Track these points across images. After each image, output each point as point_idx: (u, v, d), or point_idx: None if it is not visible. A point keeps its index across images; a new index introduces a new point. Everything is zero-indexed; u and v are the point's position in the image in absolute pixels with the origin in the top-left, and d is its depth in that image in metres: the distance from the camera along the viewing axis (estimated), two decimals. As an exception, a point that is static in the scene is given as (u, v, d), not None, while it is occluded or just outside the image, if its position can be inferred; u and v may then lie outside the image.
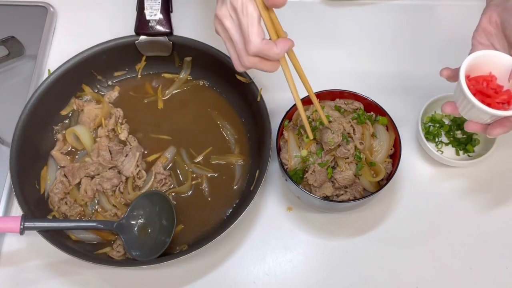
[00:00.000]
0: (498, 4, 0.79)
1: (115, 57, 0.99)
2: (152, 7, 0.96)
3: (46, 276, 0.87)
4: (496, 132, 0.74)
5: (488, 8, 0.81)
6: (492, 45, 0.79)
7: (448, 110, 0.79)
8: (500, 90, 0.75)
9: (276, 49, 0.69)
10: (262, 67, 0.71)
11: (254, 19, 0.67)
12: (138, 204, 0.89)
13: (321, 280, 0.87)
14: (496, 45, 0.79)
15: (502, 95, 0.74)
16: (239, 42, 0.70)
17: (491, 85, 0.76)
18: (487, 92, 0.74)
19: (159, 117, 0.99)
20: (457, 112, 0.78)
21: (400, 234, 0.90)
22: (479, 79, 0.76)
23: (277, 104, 0.95)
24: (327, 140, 0.85)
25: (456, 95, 0.77)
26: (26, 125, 0.90)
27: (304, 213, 0.92)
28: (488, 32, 0.79)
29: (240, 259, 0.88)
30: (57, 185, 0.91)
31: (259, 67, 0.71)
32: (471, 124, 0.77)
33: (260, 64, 0.71)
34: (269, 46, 0.68)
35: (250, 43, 0.67)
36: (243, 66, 0.71)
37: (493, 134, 0.74)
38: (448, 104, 0.79)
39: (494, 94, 0.74)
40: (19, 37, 1.04)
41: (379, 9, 1.13)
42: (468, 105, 0.74)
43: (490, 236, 0.90)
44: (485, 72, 0.76)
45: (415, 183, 0.94)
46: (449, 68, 0.79)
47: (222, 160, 0.95)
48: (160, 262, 0.80)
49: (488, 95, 0.74)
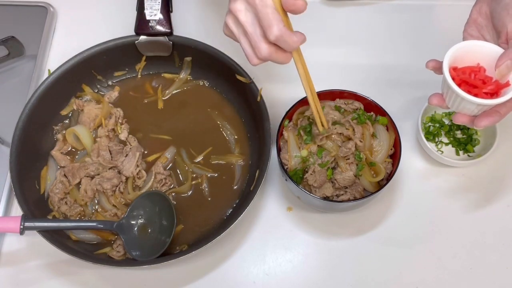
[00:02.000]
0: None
1: (115, 57, 0.99)
2: (152, 7, 0.96)
3: (46, 276, 0.87)
4: (483, 123, 0.73)
5: (479, 0, 0.81)
6: (483, 37, 0.79)
7: (435, 102, 0.78)
8: (489, 80, 0.74)
9: (295, 37, 0.69)
10: (276, 57, 0.71)
11: (274, 9, 0.68)
12: (138, 204, 0.89)
13: (321, 280, 0.87)
14: (486, 36, 0.78)
15: (489, 85, 0.73)
16: (254, 34, 0.69)
17: (479, 76, 0.74)
18: (473, 83, 0.73)
19: (159, 117, 0.99)
20: (444, 104, 0.77)
21: (400, 234, 0.90)
22: (466, 70, 0.75)
23: (277, 104, 0.95)
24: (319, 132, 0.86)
25: (443, 86, 0.76)
26: (26, 125, 0.90)
27: (304, 213, 0.92)
28: (479, 24, 0.79)
29: (240, 259, 0.88)
30: (57, 185, 0.91)
31: (274, 57, 0.71)
32: (459, 116, 0.76)
33: (275, 54, 0.70)
34: (289, 33, 0.68)
35: (272, 27, 0.67)
36: (259, 57, 0.71)
37: (480, 126, 0.73)
38: (435, 95, 0.78)
39: (481, 84, 0.73)
40: (19, 37, 1.04)
41: (379, 9, 1.13)
42: (453, 96, 0.73)
43: (490, 236, 0.90)
44: (473, 63, 0.76)
45: (415, 183, 0.94)
46: (435, 60, 0.78)
47: (222, 160, 0.95)
48: (160, 262, 0.80)
49: (474, 86, 0.73)
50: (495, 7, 0.76)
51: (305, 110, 0.92)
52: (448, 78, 0.73)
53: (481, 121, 0.73)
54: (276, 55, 0.70)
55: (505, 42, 0.74)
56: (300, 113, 0.92)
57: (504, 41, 0.74)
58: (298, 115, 0.92)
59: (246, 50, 0.72)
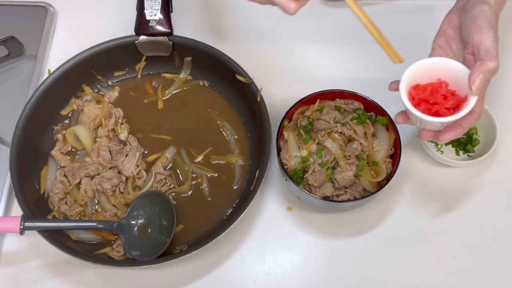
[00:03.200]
0: (459, 7, 0.80)
1: (115, 57, 0.99)
2: (152, 7, 0.96)
3: (46, 276, 0.87)
4: (447, 138, 0.75)
5: (450, 11, 0.81)
6: (450, 48, 0.79)
7: (400, 120, 0.79)
8: (450, 95, 0.74)
9: None
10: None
11: None
12: (138, 204, 0.89)
13: (321, 280, 0.87)
14: (453, 47, 0.79)
15: (450, 101, 0.73)
16: None
17: (441, 91, 0.75)
18: (434, 100, 0.74)
19: (159, 117, 0.99)
20: (410, 122, 0.78)
21: (400, 234, 0.90)
22: (427, 87, 0.76)
23: (277, 104, 0.95)
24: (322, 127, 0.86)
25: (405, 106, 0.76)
26: (26, 125, 0.90)
27: (304, 213, 0.92)
28: (448, 35, 0.80)
29: (240, 259, 0.88)
30: (57, 185, 0.91)
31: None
32: (423, 133, 0.77)
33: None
34: None
35: None
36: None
37: (444, 140, 0.75)
38: (400, 114, 0.79)
39: (442, 100, 0.74)
40: (19, 37, 1.04)
41: (379, 10, 1.13)
42: (412, 115, 0.74)
43: (490, 236, 0.90)
44: (434, 79, 0.76)
45: (415, 183, 0.94)
46: (397, 81, 0.78)
47: (222, 160, 0.95)
48: (160, 262, 0.80)
49: (435, 102, 0.74)
50: (463, 18, 0.77)
51: (305, 110, 0.92)
52: (405, 100, 0.74)
53: (444, 136, 0.75)
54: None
55: (470, 54, 0.74)
56: (300, 113, 0.92)
57: (470, 52, 0.74)
58: (298, 115, 0.92)
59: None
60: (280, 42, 1.09)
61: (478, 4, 0.76)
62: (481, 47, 0.72)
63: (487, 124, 0.95)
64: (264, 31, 1.09)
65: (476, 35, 0.73)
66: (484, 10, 0.74)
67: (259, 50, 1.08)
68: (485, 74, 0.70)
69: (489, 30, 0.73)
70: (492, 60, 0.71)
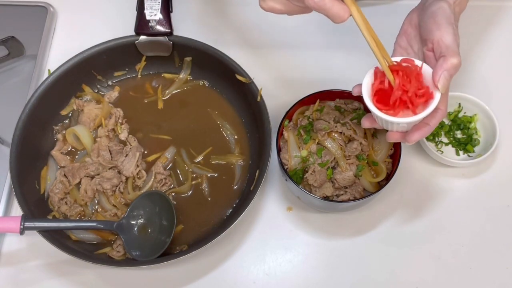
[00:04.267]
0: (419, 7, 0.80)
1: (115, 57, 0.99)
2: (152, 7, 0.96)
3: (46, 276, 0.87)
4: (415, 138, 0.74)
5: (411, 10, 0.81)
6: (411, 47, 0.79)
7: (367, 124, 0.79)
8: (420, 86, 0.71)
9: None
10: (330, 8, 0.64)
11: None
12: (138, 204, 0.89)
13: (321, 280, 0.87)
14: (414, 46, 0.79)
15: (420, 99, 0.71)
16: None
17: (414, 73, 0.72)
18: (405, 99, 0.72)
19: (159, 117, 0.99)
20: (376, 125, 0.78)
21: (400, 234, 0.90)
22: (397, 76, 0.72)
23: (277, 104, 0.95)
24: (322, 127, 0.86)
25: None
26: (26, 125, 0.90)
27: (304, 213, 0.92)
28: (408, 34, 0.80)
29: (240, 259, 0.88)
30: (57, 185, 0.91)
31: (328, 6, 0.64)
32: (391, 134, 0.76)
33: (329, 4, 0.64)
34: None
35: None
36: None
37: (412, 141, 0.74)
38: (366, 118, 0.79)
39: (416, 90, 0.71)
40: (19, 37, 1.04)
41: (379, 10, 1.13)
42: (377, 118, 0.74)
43: (490, 236, 0.90)
44: None
45: (415, 183, 0.94)
46: (359, 84, 0.77)
47: (222, 160, 0.95)
48: (160, 262, 0.80)
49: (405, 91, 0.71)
50: (422, 16, 0.77)
51: (305, 110, 0.92)
52: (368, 102, 0.72)
53: (412, 136, 0.74)
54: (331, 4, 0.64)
55: (430, 50, 0.74)
56: (300, 113, 0.92)
57: (429, 48, 0.74)
58: (298, 115, 0.92)
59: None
60: (280, 42, 1.09)
61: (436, 2, 0.76)
62: (441, 43, 0.72)
63: (487, 124, 0.95)
64: (264, 31, 1.09)
65: (436, 31, 0.72)
66: (442, 7, 0.74)
67: (259, 50, 1.08)
68: (449, 71, 0.70)
69: (449, 27, 0.72)
70: (454, 56, 0.70)
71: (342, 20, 0.66)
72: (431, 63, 0.73)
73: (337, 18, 0.65)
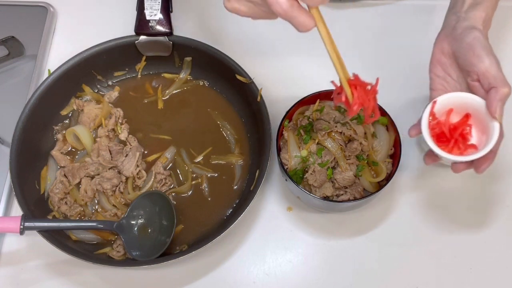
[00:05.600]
0: (447, 35, 0.80)
1: (115, 57, 0.99)
2: (152, 7, 0.96)
3: (46, 276, 0.87)
4: (484, 168, 0.76)
5: (439, 39, 0.82)
6: (450, 76, 0.81)
7: (430, 162, 0.82)
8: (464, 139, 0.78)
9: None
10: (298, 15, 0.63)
11: None
12: (138, 204, 0.89)
13: (321, 280, 0.87)
14: (453, 75, 0.80)
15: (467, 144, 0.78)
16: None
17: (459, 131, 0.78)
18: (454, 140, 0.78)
19: (159, 117, 0.99)
20: (438, 161, 0.82)
21: (400, 234, 0.90)
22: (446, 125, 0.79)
23: (277, 104, 0.95)
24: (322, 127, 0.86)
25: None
26: (26, 125, 0.90)
27: (304, 213, 0.92)
28: (443, 63, 0.81)
29: (240, 259, 0.88)
30: (57, 185, 0.91)
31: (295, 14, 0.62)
32: (458, 167, 0.79)
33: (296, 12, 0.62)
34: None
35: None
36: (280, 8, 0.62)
37: (482, 171, 0.76)
38: (429, 158, 0.82)
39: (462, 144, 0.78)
40: (19, 37, 1.04)
41: (379, 11, 1.13)
42: (443, 158, 0.78)
43: (490, 236, 0.90)
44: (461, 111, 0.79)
45: (415, 183, 0.94)
46: (415, 126, 0.81)
47: (222, 160, 0.95)
48: (160, 262, 0.80)
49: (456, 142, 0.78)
50: (457, 47, 0.78)
51: (305, 110, 0.92)
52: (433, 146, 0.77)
53: (482, 167, 0.76)
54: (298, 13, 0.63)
55: (476, 81, 0.76)
56: (300, 113, 0.92)
57: (475, 79, 0.76)
58: (298, 115, 0.92)
59: None
60: (280, 42, 1.09)
61: (469, 31, 0.77)
62: (488, 75, 0.74)
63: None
64: (264, 31, 1.09)
65: (479, 64, 0.75)
66: (477, 37, 0.76)
67: (259, 50, 1.08)
68: (502, 100, 0.73)
69: (490, 57, 0.75)
70: (505, 86, 0.74)
71: (307, 29, 0.65)
72: (478, 93, 0.77)
73: (303, 27, 0.65)
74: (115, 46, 0.97)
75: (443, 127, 0.78)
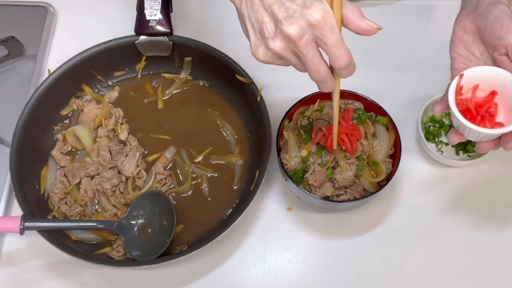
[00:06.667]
0: (470, 12, 0.79)
1: (115, 57, 0.99)
2: (152, 7, 0.96)
3: (46, 276, 0.87)
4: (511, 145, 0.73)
5: (460, 17, 0.80)
6: (472, 54, 0.79)
7: (456, 140, 0.78)
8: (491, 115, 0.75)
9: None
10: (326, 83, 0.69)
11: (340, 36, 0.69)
12: (138, 204, 0.89)
13: (321, 280, 0.87)
14: (476, 53, 0.78)
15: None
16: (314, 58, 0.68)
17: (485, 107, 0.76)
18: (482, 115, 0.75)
19: (159, 117, 0.99)
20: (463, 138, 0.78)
21: (400, 234, 0.90)
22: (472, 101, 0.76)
23: (277, 104, 0.95)
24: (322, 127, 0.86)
25: (455, 122, 0.76)
26: (26, 125, 0.90)
27: (304, 213, 0.92)
28: (465, 41, 0.79)
29: (240, 259, 0.88)
30: (57, 185, 0.91)
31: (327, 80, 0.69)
32: (484, 145, 0.76)
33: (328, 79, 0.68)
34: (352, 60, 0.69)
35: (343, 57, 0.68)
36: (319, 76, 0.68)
37: (510, 147, 0.73)
38: (454, 135, 0.78)
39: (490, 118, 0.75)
40: (19, 37, 1.04)
41: (379, 11, 1.13)
42: (470, 131, 0.74)
43: (490, 236, 0.90)
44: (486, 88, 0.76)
45: (415, 183, 0.94)
46: (440, 103, 0.79)
47: (222, 160, 0.95)
48: (160, 262, 0.80)
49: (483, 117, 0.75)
50: (483, 22, 0.76)
51: (305, 110, 0.92)
52: (461, 118, 0.73)
53: (510, 141, 0.73)
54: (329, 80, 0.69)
55: (504, 55, 0.74)
56: (300, 113, 0.92)
57: (503, 53, 0.74)
58: (298, 115, 0.92)
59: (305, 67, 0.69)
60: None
61: (494, 5, 0.75)
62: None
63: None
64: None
65: (509, 36, 0.72)
66: (504, 10, 0.74)
67: (259, 50, 1.08)
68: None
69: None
70: None
71: (328, 91, 0.71)
72: (506, 68, 0.74)
73: (326, 90, 0.70)
74: (115, 46, 0.97)
75: (469, 104, 0.75)
